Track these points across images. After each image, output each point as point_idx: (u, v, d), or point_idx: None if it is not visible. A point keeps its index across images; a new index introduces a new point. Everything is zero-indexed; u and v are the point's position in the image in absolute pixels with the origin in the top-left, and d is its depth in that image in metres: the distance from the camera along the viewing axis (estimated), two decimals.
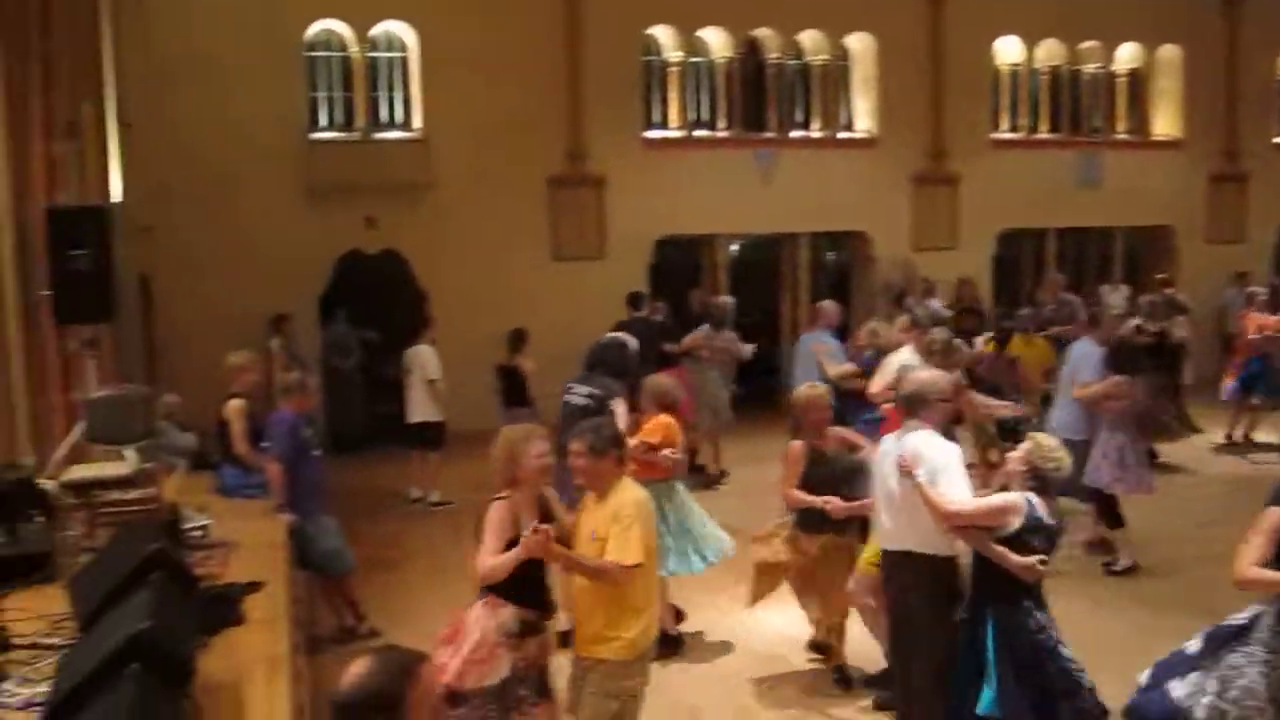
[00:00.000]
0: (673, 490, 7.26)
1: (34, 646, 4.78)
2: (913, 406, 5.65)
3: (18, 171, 7.64)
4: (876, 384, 8.39)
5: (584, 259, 15.45)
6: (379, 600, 8.21)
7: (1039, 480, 5.25)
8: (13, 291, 7.61)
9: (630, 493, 5.05)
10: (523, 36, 14.92)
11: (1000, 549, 5.14)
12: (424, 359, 11.37)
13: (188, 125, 13.36)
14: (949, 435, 5.94)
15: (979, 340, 11.31)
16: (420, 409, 11.39)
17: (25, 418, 7.72)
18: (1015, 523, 5.14)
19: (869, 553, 6.43)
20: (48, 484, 6.21)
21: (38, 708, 4.18)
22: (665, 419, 7.22)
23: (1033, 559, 5.12)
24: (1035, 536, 5.16)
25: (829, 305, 11.90)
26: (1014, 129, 18.28)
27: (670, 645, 7.18)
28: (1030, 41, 18.15)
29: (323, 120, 15.14)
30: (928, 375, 6.03)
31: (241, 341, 10.25)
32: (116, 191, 9.17)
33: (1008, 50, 18.13)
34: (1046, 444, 5.38)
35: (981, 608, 5.27)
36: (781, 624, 7.66)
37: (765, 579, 7.02)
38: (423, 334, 11.63)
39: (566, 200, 15.48)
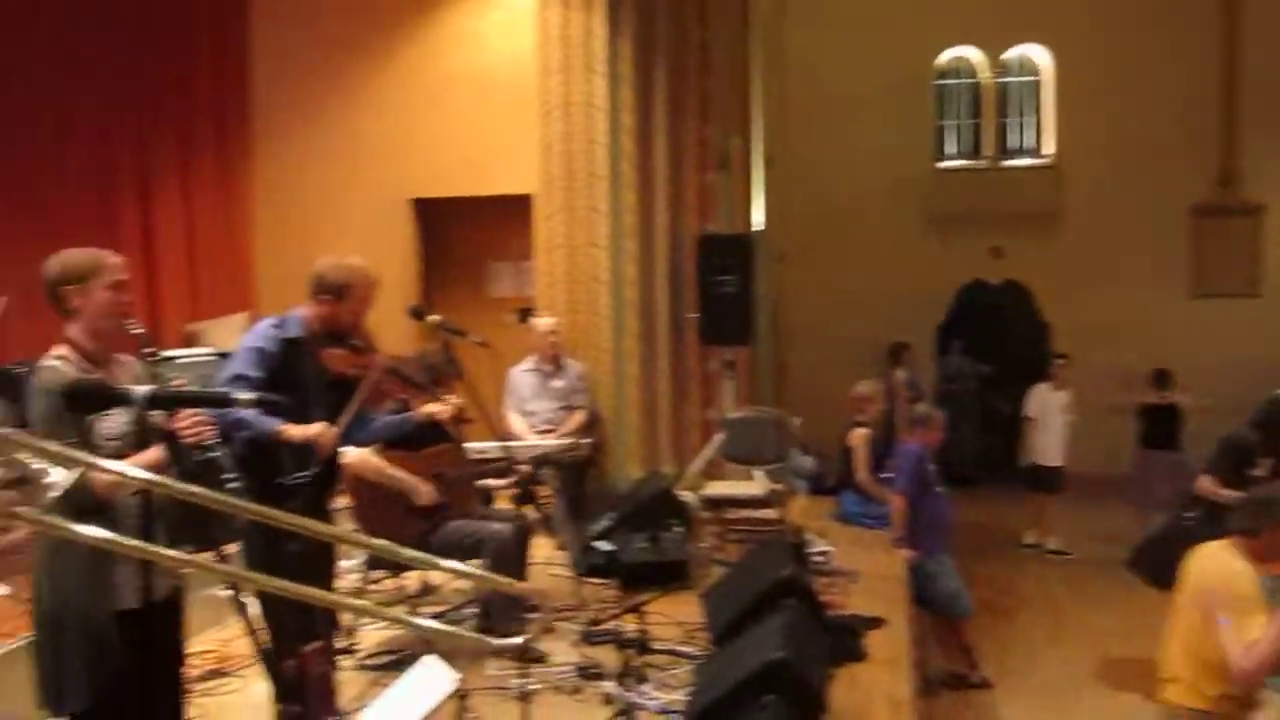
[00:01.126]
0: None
1: (671, 653, 5.04)
2: None
3: (674, 199, 8.28)
4: None
5: (1232, 295, 13.95)
6: (992, 649, 7.81)
7: None
8: (664, 310, 8.26)
9: None
10: (1169, 53, 13.77)
11: None
12: (1036, 397, 10.80)
13: (818, 157, 13.80)
14: None
15: None
16: (1037, 451, 10.82)
17: (666, 430, 8.32)
18: None
19: None
20: (687, 496, 6.59)
21: (672, 715, 4.35)
22: None
23: None
24: None
25: None
26: None
27: None
28: None
29: (949, 148, 15.08)
30: None
31: (859, 368, 10.39)
32: (758, 221, 9.62)
33: None
34: None
35: None
36: None
37: None
38: (1048, 371, 11.01)
39: (1214, 230, 14.07)
